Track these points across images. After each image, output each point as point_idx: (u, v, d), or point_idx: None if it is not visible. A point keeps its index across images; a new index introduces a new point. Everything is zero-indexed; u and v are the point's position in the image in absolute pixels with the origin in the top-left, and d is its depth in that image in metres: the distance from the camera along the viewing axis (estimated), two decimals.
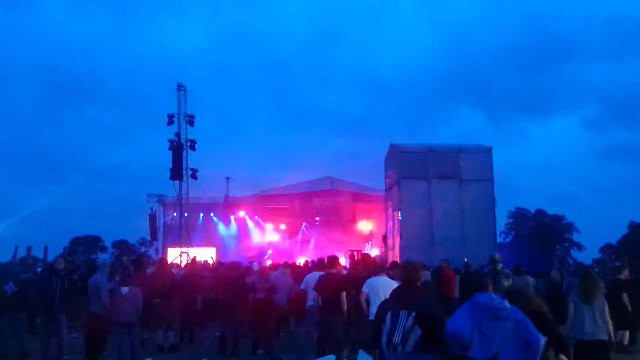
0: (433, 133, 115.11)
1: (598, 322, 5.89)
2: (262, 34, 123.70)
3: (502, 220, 50.78)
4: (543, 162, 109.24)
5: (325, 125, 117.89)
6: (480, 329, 3.79)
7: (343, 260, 20.95)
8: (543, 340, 3.77)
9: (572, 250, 54.79)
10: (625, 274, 10.55)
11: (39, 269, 12.63)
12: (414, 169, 21.47)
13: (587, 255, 49.65)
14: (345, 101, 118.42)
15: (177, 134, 23.51)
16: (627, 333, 10.09)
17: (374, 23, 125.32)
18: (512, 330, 3.78)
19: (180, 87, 24.10)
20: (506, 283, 9.13)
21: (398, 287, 4.45)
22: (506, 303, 3.93)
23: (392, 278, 8.01)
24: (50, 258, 21.95)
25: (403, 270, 4.25)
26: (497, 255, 10.38)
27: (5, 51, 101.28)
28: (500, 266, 10.03)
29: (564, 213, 55.36)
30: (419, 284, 4.08)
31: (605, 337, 5.90)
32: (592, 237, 68.85)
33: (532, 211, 55.52)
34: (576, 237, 54.98)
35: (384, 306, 3.98)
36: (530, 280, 11.36)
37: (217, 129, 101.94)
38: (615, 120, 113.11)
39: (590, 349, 5.84)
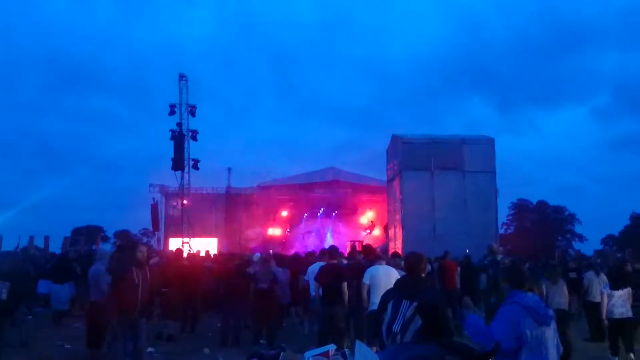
0: (440, 123, 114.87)
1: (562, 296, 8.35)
2: (268, 21, 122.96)
3: (504, 212, 50.83)
4: (551, 153, 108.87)
5: (330, 115, 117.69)
6: (532, 334, 3.58)
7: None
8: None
9: (573, 242, 54.84)
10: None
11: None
12: (417, 160, 21.42)
13: (589, 246, 49.65)
14: (352, 91, 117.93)
15: (179, 124, 23.47)
16: None
17: (382, 11, 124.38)
18: (554, 335, 3.68)
19: (182, 77, 24.01)
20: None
21: (402, 277, 4.45)
22: (550, 310, 3.77)
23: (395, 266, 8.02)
24: (51, 248, 22.08)
25: (407, 261, 4.25)
26: (496, 246, 10.47)
27: (8, 39, 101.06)
28: (500, 257, 10.05)
29: (569, 204, 55.45)
30: (423, 274, 4.06)
31: (565, 307, 8.33)
32: (595, 228, 68.93)
33: (535, 202, 55.51)
34: (578, 229, 55.02)
35: (387, 295, 3.98)
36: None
37: (220, 118, 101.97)
38: (625, 111, 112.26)
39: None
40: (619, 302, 8.16)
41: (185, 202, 24.80)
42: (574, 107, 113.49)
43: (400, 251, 16.29)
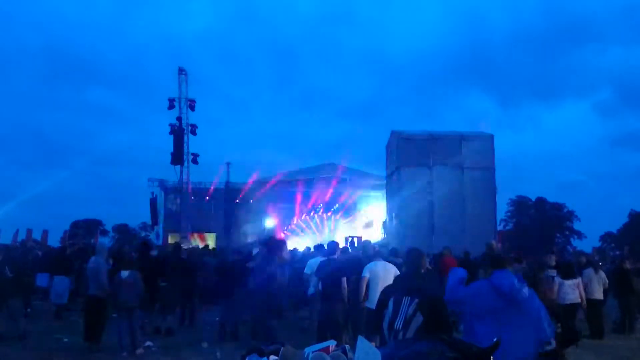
0: (441, 118, 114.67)
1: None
2: (269, 13, 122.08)
3: (503, 208, 50.85)
4: (551, 149, 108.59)
5: (331, 109, 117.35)
6: (490, 306, 3.92)
7: None
8: (551, 332, 3.99)
9: (572, 239, 54.90)
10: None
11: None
12: (415, 155, 21.38)
13: (588, 243, 49.78)
14: (352, 84, 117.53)
15: (179, 119, 23.42)
16: None
17: (384, 4, 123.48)
18: (527, 313, 3.92)
19: (181, 71, 23.96)
20: None
21: (402, 273, 4.45)
22: (525, 289, 4.02)
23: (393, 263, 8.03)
24: (50, 242, 22.07)
25: (408, 257, 4.25)
26: (494, 243, 10.53)
27: (6, 31, 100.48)
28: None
29: (568, 201, 55.46)
30: (423, 271, 4.07)
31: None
32: (594, 225, 68.98)
33: (533, 199, 55.53)
34: (577, 226, 55.05)
35: (388, 292, 3.98)
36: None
37: (220, 112, 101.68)
38: (627, 107, 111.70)
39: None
40: (569, 290, 9.78)
41: (184, 196, 24.78)
42: (576, 102, 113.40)
43: (397, 247, 16.29)
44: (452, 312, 4.23)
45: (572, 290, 9.80)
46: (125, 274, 8.47)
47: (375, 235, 28.96)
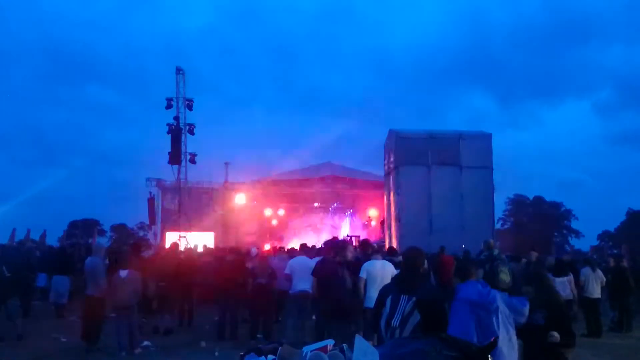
0: (441, 117, 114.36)
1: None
2: (268, 12, 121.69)
3: (501, 207, 50.91)
4: (551, 147, 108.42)
5: (330, 108, 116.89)
6: (480, 324, 3.90)
7: None
8: (527, 305, 4.08)
9: (570, 238, 54.98)
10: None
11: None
12: (413, 155, 21.36)
13: (585, 242, 49.79)
14: (351, 83, 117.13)
15: (176, 118, 23.37)
16: None
17: (385, 1, 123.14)
18: (503, 316, 3.93)
19: (179, 70, 23.89)
20: (504, 277, 9.24)
21: (400, 272, 4.45)
22: (493, 293, 4.03)
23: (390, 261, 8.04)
24: (48, 241, 22.00)
25: (406, 256, 4.24)
26: (492, 241, 10.60)
27: (4, 28, 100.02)
28: (496, 252, 10.09)
29: (566, 200, 55.45)
30: (421, 270, 4.06)
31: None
32: (591, 224, 68.98)
33: (531, 198, 55.60)
34: (575, 224, 55.13)
35: (385, 290, 3.98)
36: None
37: (218, 111, 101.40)
38: (627, 105, 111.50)
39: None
40: (560, 287, 9.69)
41: (182, 196, 24.75)
42: (576, 101, 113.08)
43: (396, 246, 16.30)
44: None
45: (563, 287, 10.01)
46: (123, 273, 8.46)
47: (374, 234, 28.98)
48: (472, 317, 3.92)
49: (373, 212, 31.40)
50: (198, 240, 22.10)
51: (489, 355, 2.43)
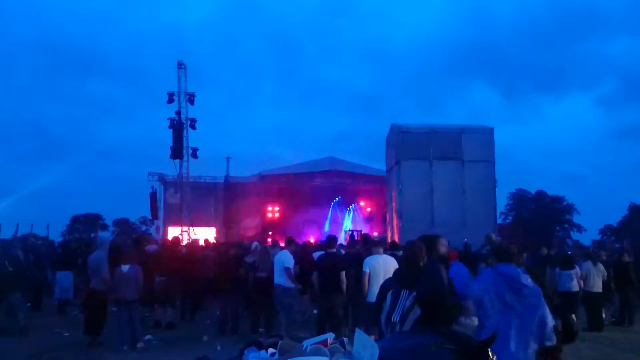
0: (443, 110, 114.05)
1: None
2: (270, 5, 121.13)
3: (503, 201, 50.87)
4: (553, 141, 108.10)
5: (332, 101, 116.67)
6: (502, 297, 4.10)
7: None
8: (552, 323, 4.08)
9: (572, 232, 54.90)
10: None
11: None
12: (415, 149, 21.34)
13: (587, 236, 49.74)
14: (353, 76, 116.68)
15: (178, 113, 23.36)
16: None
17: None
18: (533, 306, 4.04)
19: (180, 65, 23.87)
20: None
21: (401, 266, 4.45)
22: (530, 280, 4.16)
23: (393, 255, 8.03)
24: (52, 236, 22.06)
25: (406, 251, 4.24)
26: (493, 236, 10.69)
27: (4, 23, 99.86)
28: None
29: (568, 194, 55.38)
30: (421, 264, 4.06)
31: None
32: (593, 218, 68.92)
33: (533, 192, 55.51)
34: (577, 219, 55.02)
35: (386, 285, 3.99)
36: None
37: (220, 105, 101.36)
38: (630, 99, 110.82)
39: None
40: (567, 279, 10.51)
41: (184, 190, 24.77)
42: (579, 94, 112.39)
43: (397, 240, 16.31)
44: (462, 305, 4.28)
45: (569, 280, 10.52)
46: (125, 267, 8.48)
47: (375, 228, 29.00)
48: (493, 284, 4.12)
49: (374, 207, 31.40)
50: (200, 234, 22.14)
51: (489, 349, 2.43)
